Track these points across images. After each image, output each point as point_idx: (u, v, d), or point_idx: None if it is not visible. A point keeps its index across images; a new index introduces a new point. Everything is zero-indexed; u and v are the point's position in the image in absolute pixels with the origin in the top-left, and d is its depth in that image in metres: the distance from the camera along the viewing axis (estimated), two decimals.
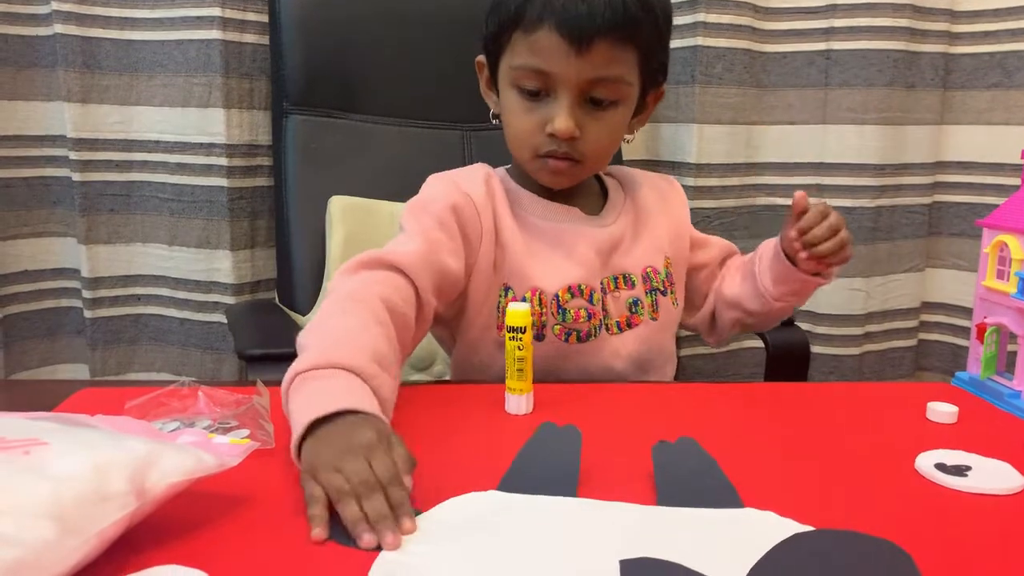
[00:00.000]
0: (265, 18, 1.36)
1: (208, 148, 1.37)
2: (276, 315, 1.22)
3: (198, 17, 1.34)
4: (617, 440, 0.69)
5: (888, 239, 1.56)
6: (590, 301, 0.89)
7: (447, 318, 0.91)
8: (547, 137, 0.85)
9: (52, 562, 0.39)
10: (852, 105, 1.50)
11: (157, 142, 1.39)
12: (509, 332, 0.74)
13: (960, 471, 0.63)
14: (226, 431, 0.64)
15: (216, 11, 1.32)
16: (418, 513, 0.53)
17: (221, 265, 1.40)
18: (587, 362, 0.90)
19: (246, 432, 0.66)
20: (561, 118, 0.83)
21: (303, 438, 0.58)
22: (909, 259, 1.59)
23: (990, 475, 0.63)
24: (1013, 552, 0.52)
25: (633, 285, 0.93)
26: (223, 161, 1.36)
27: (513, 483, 0.58)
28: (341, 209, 1.19)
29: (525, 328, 0.73)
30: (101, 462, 0.44)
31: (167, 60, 1.36)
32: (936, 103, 1.54)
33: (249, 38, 1.37)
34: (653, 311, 0.94)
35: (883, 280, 1.57)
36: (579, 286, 0.89)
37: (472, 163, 0.97)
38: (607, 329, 0.91)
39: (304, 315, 1.21)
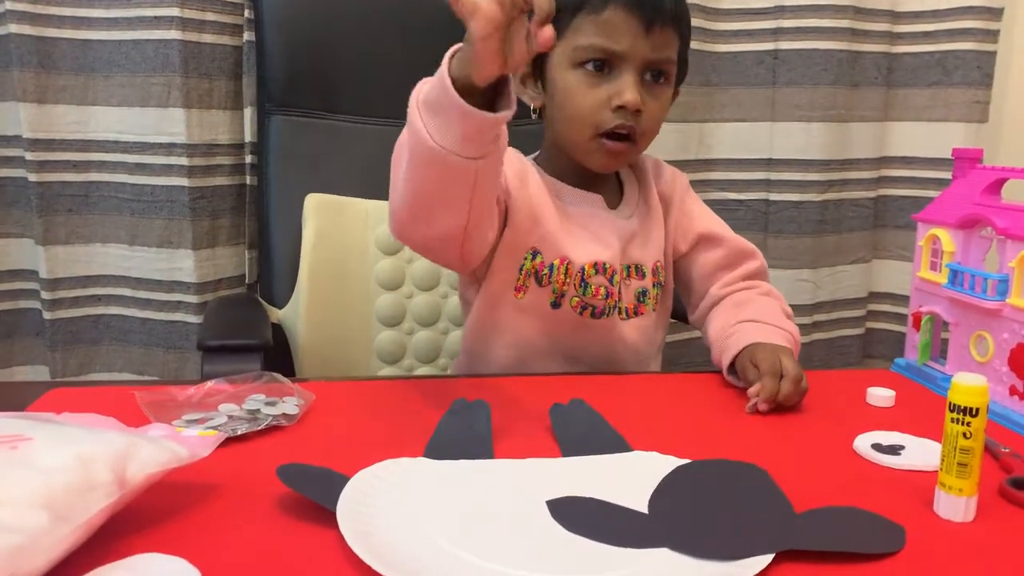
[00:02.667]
0: (225, 18, 1.37)
1: (168, 148, 1.37)
2: (250, 308, 1.23)
3: (155, 17, 1.33)
4: (520, 408, 0.76)
5: (835, 232, 1.62)
6: (610, 282, 0.94)
7: (479, 275, 0.94)
8: (612, 112, 0.89)
9: (46, 548, 0.41)
10: (799, 103, 1.55)
11: (116, 142, 1.38)
12: (954, 411, 0.56)
13: (894, 450, 0.68)
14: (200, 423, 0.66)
15: (175, 11, 1.32)
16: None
17: (183, 264, 1.40)
18: (595, 340, 0.95)
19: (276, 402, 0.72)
20: (631, 90, 0.88)
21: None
22: (856, 251, 1.65)
23: (921, 453, 0.68)
24: (939, 523, 0.56)
25: (643, 276, 0.98)
26: (183, 161, 1.36)
27: (436, 451, 0.64)
28: (315, 206, 1.21)
29: (979, 411, 0.55)
30: (84, 454, 0.46)
31: (124, 60, 1.35)
32: (879, 101, 1.59)
33: (208, 38, 1.37)
34: (656, 303, 1.00)
35: (831, 271, 1.63)
36: (604, 264, 0.94)
37: None
38: (619, 312, 0.96)
39: (280, 308, 1.23)
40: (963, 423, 0.55)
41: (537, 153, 1.02)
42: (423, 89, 0.70)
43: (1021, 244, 0.75)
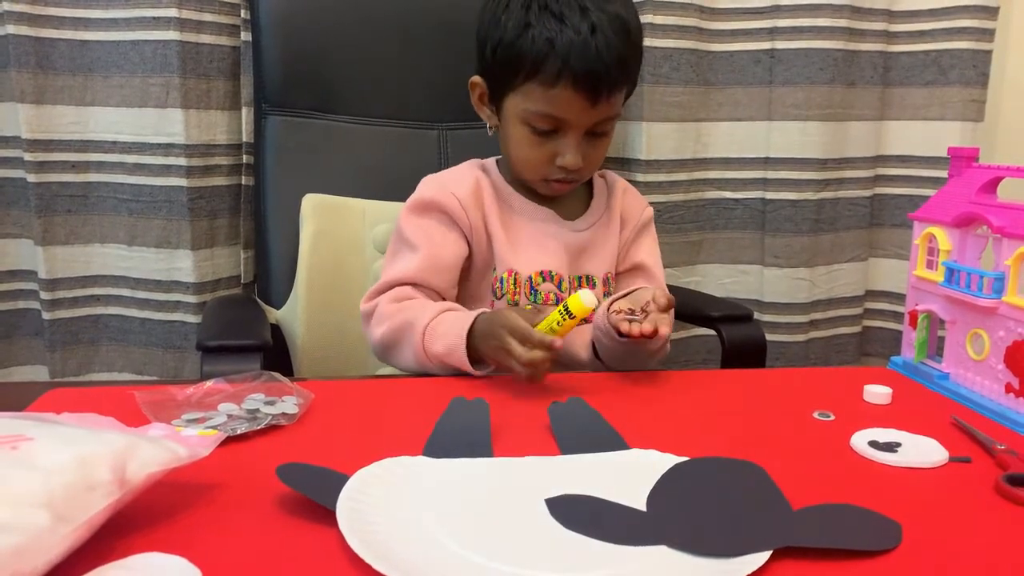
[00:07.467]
0: (222, 19, 1.38)
1: (167, 148, 1.37)
2: (249, 309, 1.23)
3: (154, 18, 1.33)
4: (518, 406, 0.76)
5: (831, 230, 1.62)
6: (559, 288, 0.99)
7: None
8: (556, 167, 0.97)
9: (47, 548, 0.42)
10: (796, 102, 1.55)
11: (114, 143, 1.38)
12: (564, 312, 0.81)
13: (891, 447, 0.68)
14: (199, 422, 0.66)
15: (173, 12, 1.32)
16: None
17: (182, 264, 1.40)
18: None
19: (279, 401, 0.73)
20: (572, 155, 0.96)
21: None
22: (852, 249, 1.65)
23: (918, 450, 0.68)
24: (935, 520, 0.57)
25: (594, 286, 1.03)
26: (182, 161, 1.37)
27: (436, 449, 0.64)
28: (313, 206, 1.21)
29: (576, 317, 0.80)
30: (85, 454, 0.47)
31: (123, 61, 1.36)
32: (875, 100, 1.59)
33: (206, 39, 1.37)
34: None
35: (827, 269, 1.63)
36: (550, 272, 0.99)
37: (448, 161, 1.11)
38: None
39: (278, 309, 1.23)
40: (565, 318, 0.80)
41: (500, 157, 1.07)
42: (436, 350, 0.87)
43: (1017, 242, 0.76)
